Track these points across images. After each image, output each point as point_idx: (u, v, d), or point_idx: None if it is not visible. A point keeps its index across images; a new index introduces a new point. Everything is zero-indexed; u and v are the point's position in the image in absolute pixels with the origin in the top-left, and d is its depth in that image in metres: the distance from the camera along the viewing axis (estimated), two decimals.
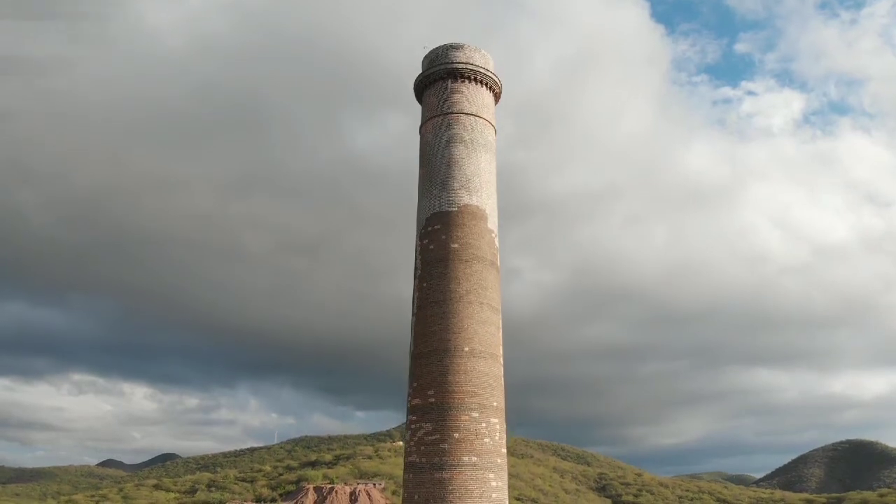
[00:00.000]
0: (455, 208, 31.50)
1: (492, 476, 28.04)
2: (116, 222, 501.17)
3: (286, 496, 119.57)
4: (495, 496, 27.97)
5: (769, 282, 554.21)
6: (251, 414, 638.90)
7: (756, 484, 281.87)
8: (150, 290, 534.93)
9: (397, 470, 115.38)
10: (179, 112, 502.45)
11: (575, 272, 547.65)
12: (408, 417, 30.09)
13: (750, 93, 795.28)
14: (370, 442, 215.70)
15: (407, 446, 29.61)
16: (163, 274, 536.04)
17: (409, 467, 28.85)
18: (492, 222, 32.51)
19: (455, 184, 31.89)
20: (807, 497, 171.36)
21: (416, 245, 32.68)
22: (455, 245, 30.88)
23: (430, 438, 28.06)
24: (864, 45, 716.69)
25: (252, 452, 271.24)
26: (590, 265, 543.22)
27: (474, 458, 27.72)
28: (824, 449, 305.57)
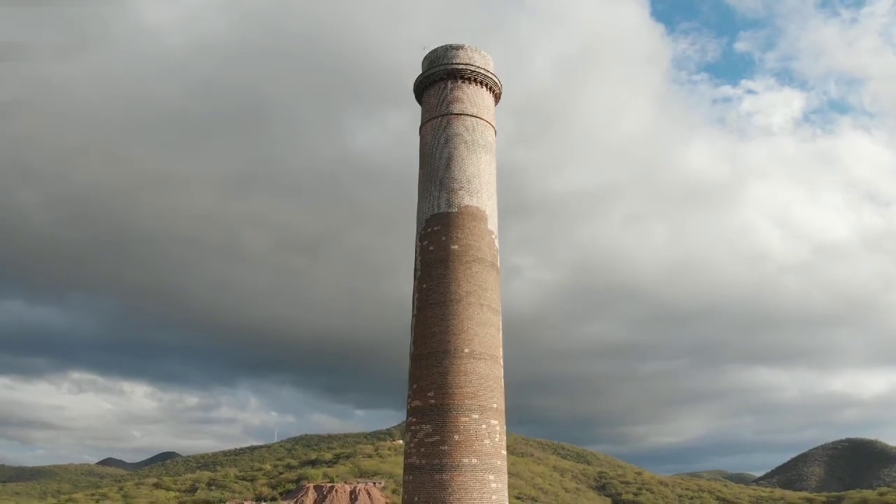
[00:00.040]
0: (455, 209, 31.49)
1: (492, 478, 28.06)
2: (116, 221, 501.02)
3: (286, 495, 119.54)
4: (495, 498, 27.99)
5: (769, 280, 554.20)
6: (251, 412, 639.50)
7: (756, 482, 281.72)
8: (150, 289, 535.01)
9: (397, 469, 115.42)
10: (179, 110, 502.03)
11: (575, 271, 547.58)
12: (408, 419, 30.08)
13: (750, 91, 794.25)
14: (370, 441, 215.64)
15: (407, 448, 29.61)
16: (163, 272, 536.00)
17: (409, 469, 28.86)
18: (492, 223, 32.49)
19: (455, 185, 31.87)
20: (806, 496, 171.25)
21: (416, 246, 32.64)
22: (455, 246, 30.87)
23: (431, 440, 28.07)
24: (865, 44, 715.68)
25: (252, 451, 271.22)
26: (590, 264, 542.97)
27: (474, 460, 27.73)
28: (824, 448, 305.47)
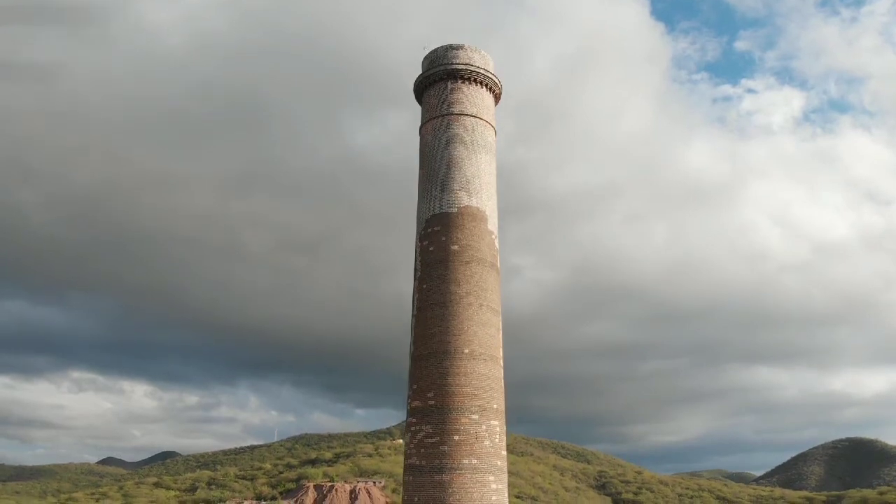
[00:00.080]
0: (455, 210, 31.42)
1: (492, 478, 28.02)
2: (116, 221, 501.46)
3: (286, 494, 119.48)
4: (495, 499, 27.95)
5: (769, 279, 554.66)
6: (251, 412, 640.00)
7: (756, 482, 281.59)
8: (150, 289, 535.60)
9: (397, 468, 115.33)
10: (179, 110, 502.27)
11: (575, 270, 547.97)
12: (408, 420, 30.04)
13: (750, 90, 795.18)
14: (370, 440, 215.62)
15: (407, 448, 29.56)
16: (163, 272, 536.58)
17: (409, 469, 28.81)
18: (492, 224, 32.42)
19: (455, 185, 31.80)
20: (806, 495, 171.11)
21: (416, 246, 32.57)
22: (455, 247, 30.81)
23: (430, 441, 28.03)
24: (865, 43, 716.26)
25: (252, 450, 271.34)
26: (590, 263, 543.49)
27: (474, 461, 27.70)
28: (824, 447, 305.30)
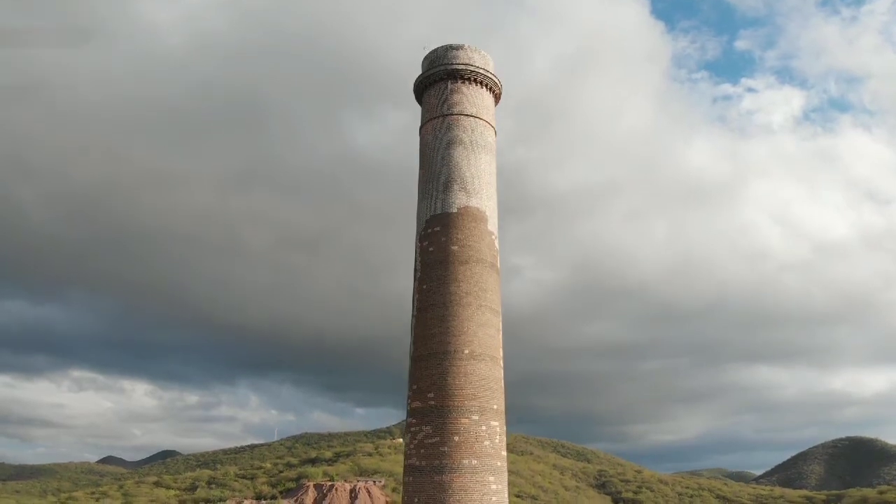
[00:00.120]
0: (455, 210, 31.38)
1: (492, 479, 28.01)
2: (116, 219, 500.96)
3: (286, 493, 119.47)
4: (495, 499, 27.95)
5: (769, 279, 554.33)
6: (251, 411, 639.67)
7: (756, 481, 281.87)
8: (150, 287, 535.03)
9: (397, 467, 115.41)
10: (179, 109, 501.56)
11: (575, 269, 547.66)
12: (408, 420, 30.03)
13: (750, 90, 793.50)
14: (370, 439, 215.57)
15: (407, 449, 29.55)
16: (163, 270, 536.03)
17: (409, 470, 28.79)
18: (492, 224, 32.39)
19: (455, 185, 31.77)
20: (807, 494, 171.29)
21: (416, 247, 32.54)
22: (455, 247, 30.78)
23: (430, 441, 28.01)
24: (865, 43, 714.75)
25: (252, 449, 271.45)
26: (590, 262, 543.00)
27: (474, 461, 27.68)
28: (824, 446, 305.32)
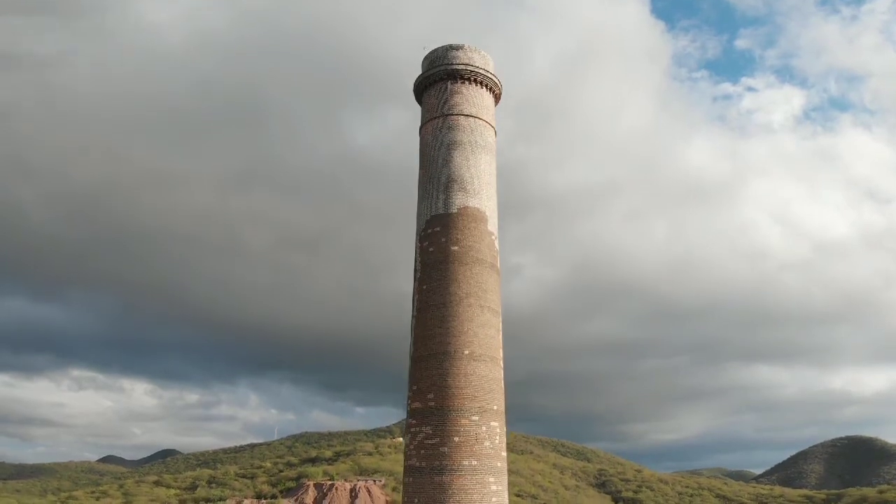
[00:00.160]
0: (455, 210, 31.27)
1: (492, 480, 27.95)
2: (116, 218, 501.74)
3: (286, 493, 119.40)
4: (495, 500, 27.88)
5: (769, 278, 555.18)
6: (251, 410, 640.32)
7: (756, 480, 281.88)
8: (150, 286, 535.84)
9: (397, 466, 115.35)
10: (179, 108, 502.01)
11: (575, 268, 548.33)
12: (408, 421, 29.99)
13: (750, 89, 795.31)
14: (370, 438, 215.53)
15: (407, 450, 29.50)
16: (163, 270, 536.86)
17: (409, 471, 28.74)
18: (492, 224, 32.29)
19: (455, 186, 31.67)
20: (806, 493, 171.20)
21: (416, 247, 32.46)
22: (455, 248, 30.68)
23: (430, 442, 27.94)
24: (865, 42, 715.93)
25: (252, 448, 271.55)
26: (590, 261, 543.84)
27: (474, 462, 27.63)
28: (824, 445, 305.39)
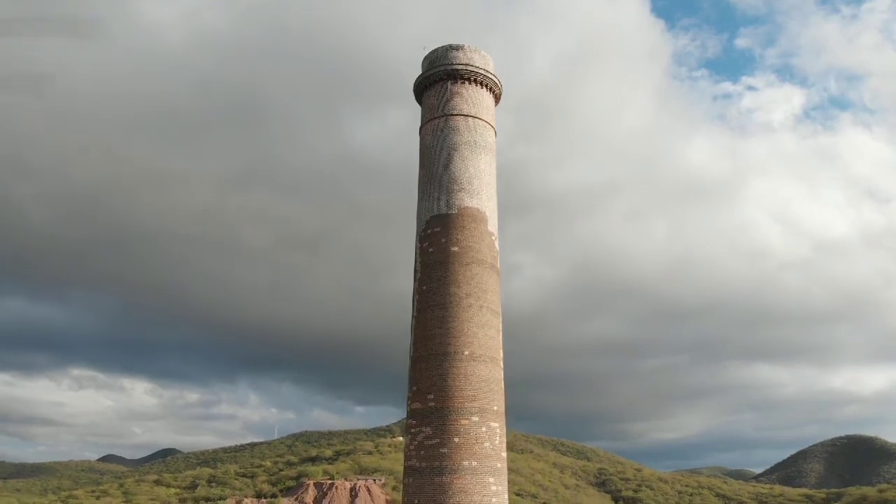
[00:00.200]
0: (455, 211, 31.27)
1: (492, 480, 27.97)
2: (116, 218, 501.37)
3: (286, 492, 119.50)
4: (495, 500, 27.90)
5: (769, 277, 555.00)
6: (251, 409, 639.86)
7: (756, 479, 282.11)
8: (150, 286, 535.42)
9: (397, 465, 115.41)
10: (178, 108, 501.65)
11: (575, 268, 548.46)
12: (408, 421, 30.00)
13: (750, 88, 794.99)
14: (370, 437, 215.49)
15: (407, 450, 29.51)
16: (162, 269, 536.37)
17: (409, 471, 28.76)
18: (492, 225, 32.29)
19: (455, 186, 31.67)
20: (806, 492, 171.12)
21: (416, 247, 32.46)
22: (455, 248, 30.68)
23: (430, 443, 27.96)
24: (865, 41, 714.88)
25: (252, 447, 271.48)
26: (590, 261, 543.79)
27: (474, 463, 27.64)
28: (824, 444, 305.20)
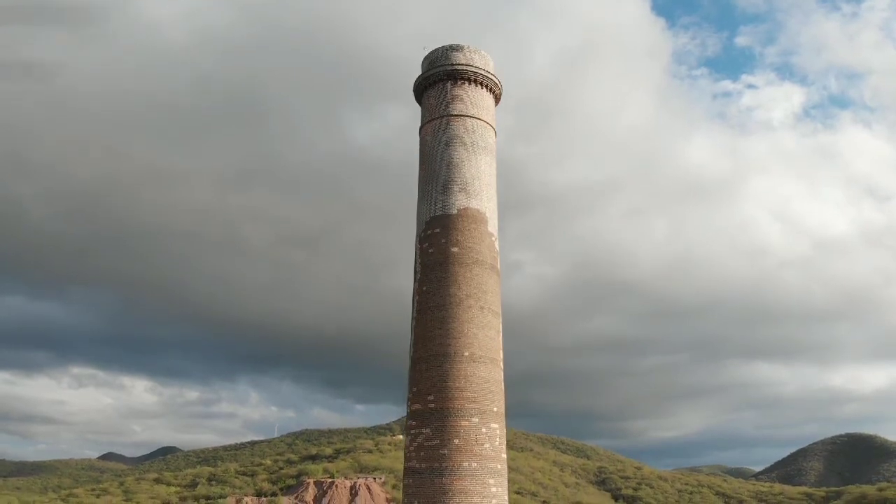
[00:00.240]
0: (455, 211, 31.16)
1: (492, 482, 27.92)
2: (116, 216, 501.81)
3: (287, 490, 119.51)
4: (495, 502, 27.85)
5: (769, 275, 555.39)
6: (251, 407, 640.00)
7: (755, 477, 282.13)
8: (150, 284, 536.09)
9: (397, 464, 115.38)
10: (178, 105, 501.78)
11: (575, 266, 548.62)
12: (408, 422, 29.94)
13: (750, 86, 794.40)
14: (370, 435, 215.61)
15: (407, 452, 29.45)
16: (163, 267, 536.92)
17: (409, 473, 28.70)
18: (492, 225, 32.19)
19: (455, 187, 31.57)
20: (806, 490, 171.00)
21: (416, 248, 32.36)
22: (455, 249, 30.58)
23: (430, 444, 27.90)
24: (865, 39, 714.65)
25: (252, 446, 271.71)
26: (590, 258, 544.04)
27: (474, 464, 27.58)
28: (823, 442, 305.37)
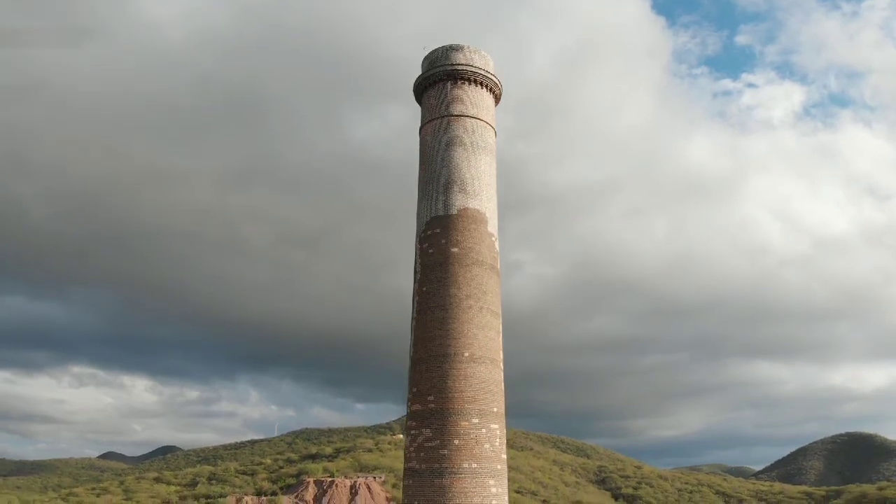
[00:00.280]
0: (455, 212, 31.12)
1: (492, 482, 27.90)
2: (116, 215, 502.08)
3: (287, 489, 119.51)
4: (495, 502, 27.85)
5: (769, 274, 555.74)
6: (251, 406, 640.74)
7: (755, 476, 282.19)
8: (150, 283, 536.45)
9: (398, 463, 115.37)
10: (178, 105, 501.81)
11: (575, 265, 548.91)
12: (407, 423, 29.93)
13: (750, 85, 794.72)
14: (370, 434, 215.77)
15: (407, 452, 29.44)
16: (163, 267, 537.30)
17: (409, 473, 28.68)
18: (492, 226, 32.15)
19: (455, 187, 31.52)
20: (806, 489, 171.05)
21: (416, 248, 32.33)
22: (455, 249, 30.55)
23: (430, 445, 27.87)
24: (865, 38, 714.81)
25: (252, 445, 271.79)
26: (590, 258, 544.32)
27: (474, 465, 27.56)
28: (824, 441, 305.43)
